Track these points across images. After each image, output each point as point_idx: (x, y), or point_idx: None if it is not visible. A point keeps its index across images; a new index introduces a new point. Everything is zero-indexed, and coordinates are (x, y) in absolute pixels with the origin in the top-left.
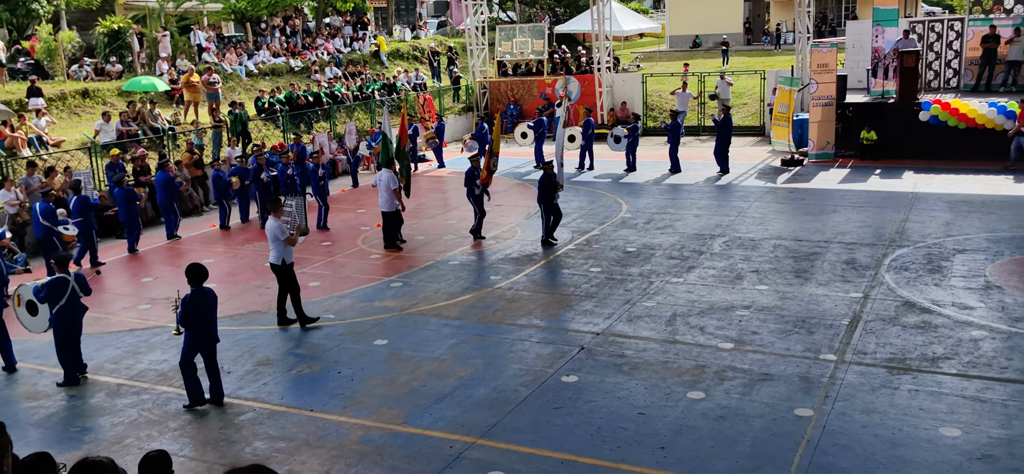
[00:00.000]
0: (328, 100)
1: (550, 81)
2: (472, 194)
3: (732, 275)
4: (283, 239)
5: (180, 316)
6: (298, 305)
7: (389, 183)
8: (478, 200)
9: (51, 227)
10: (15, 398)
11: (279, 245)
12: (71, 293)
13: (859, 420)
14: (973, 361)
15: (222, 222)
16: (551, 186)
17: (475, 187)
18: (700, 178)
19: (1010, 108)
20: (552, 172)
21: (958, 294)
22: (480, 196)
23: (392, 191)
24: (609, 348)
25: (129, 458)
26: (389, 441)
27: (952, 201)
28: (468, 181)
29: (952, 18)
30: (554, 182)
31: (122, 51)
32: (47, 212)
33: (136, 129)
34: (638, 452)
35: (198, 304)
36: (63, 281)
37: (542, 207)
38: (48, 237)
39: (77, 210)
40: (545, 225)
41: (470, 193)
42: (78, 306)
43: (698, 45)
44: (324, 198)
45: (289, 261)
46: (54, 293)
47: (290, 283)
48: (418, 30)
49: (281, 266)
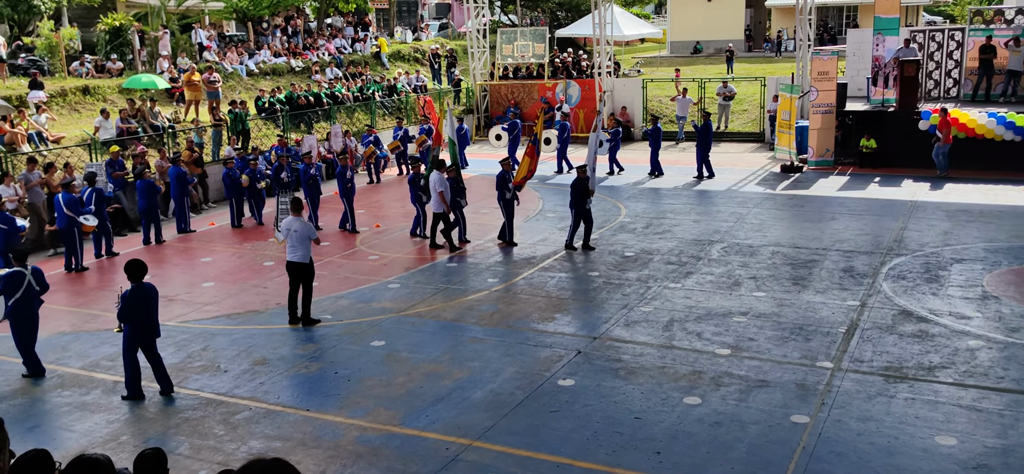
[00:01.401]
0: (328, 100)
1: (551, 85)
2: (503, 198)
3: (730, 281)
4: (313, 238)
5: (120, 311)
6: (308, 305)
7: (437, 185)
8: (508, 204)
9: (74, 217)
10: (11, 395)
11: (307, 244)
12: (27, 287)
13: (855, 428)
14: (969, 370)
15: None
16: (583, 191)
17: (507, 191)
18: (680, 182)
19: (1010, 119)
20: (585, 176)
21: (955, 303)
22: (511, 200)
23: (439, 193)
24: (606, 352)
25: (125, 455)
26: (385, 442)
27: (950, 210)
28: (500, 184)
29: (952, 28)
30: (586, 187)
31: (123, 48)
32: (71, 202)
33: (136, 127)
34: (634, 457)
35: (139, 299)
36: (19, 274)
37: (573, 212)
38: (70, 227)
39: (91, 202)
40: (573, 229)
41: (501, 197)
42: (34, 300)
43: (699, 51)
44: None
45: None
46: (9, 286)
47: (308, 283)
48: (419, 32)
49: (308, 265)
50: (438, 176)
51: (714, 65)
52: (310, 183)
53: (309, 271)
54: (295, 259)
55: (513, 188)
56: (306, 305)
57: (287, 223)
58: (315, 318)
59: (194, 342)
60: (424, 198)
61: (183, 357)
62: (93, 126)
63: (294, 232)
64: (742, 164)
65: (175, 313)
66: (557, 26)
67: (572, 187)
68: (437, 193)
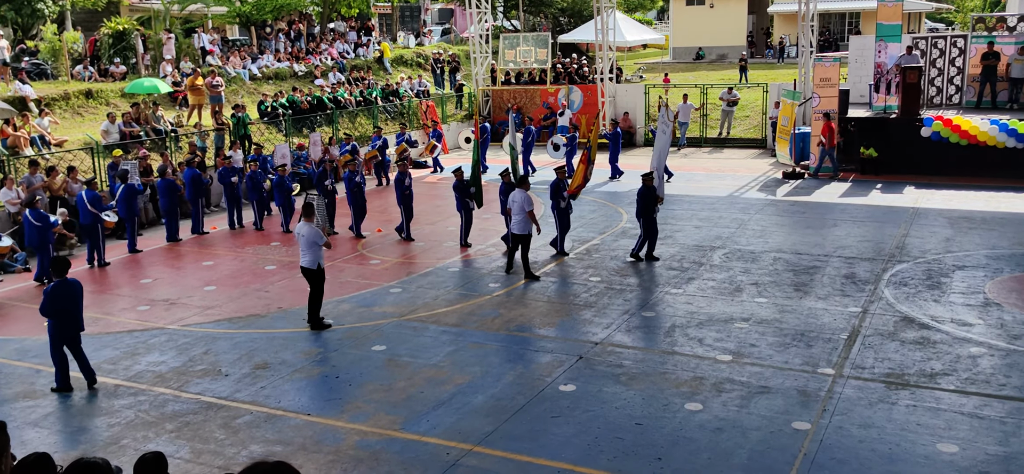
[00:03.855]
0: (331, 105)
1: (553, 90)
2: (557, 206)
3: (731, 287)
4: (321, 244)
5: (43, 306)
6: (315, 309)
7: (524, 204)
8: (563, 213)
9: (98, 213)
10: (11, 398)
11: (315, 250)
12: None
13: (856, 435)
14: (971, 378)
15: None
16: (652, 199)
17: (561, 199)
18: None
19: (1012, 126)
20: (652, 183)
21: (957, 310)
22: (566, 209)
23: (527, 213)
24: (607, 358)
25: (125, 459)
26: (386, 447)
27: (952, 217)
28: (554, 193)
29: (955, 35)
30: (654, 195)
31: (126, 53)
32: (94, 199)
33: (138, 130)
34: (635, 463)
35: (62, 295)
36: None
37: (641, 221)
38: (94, 223)
39: (123, 197)
40: (642, 239)
41: (555, 206)
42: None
43: (701, 57)
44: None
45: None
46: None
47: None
48: (422, 37)
49: (317, 270)
50: (523, 195)
51: (716, 72)
52: (355, 191)
53: (317, 276)
54: (303, 264)
55: (568, 196)
56: (313, 307)
57: (297, 229)
58: (327, 323)
59: (195, 346)
60: (471, 205)
61: (184, 361)
62: (99, 131)
63: (302, 237)
64: (744, 170)
65: (177, 316)
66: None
67: (639, 196)
68: (525, 213)
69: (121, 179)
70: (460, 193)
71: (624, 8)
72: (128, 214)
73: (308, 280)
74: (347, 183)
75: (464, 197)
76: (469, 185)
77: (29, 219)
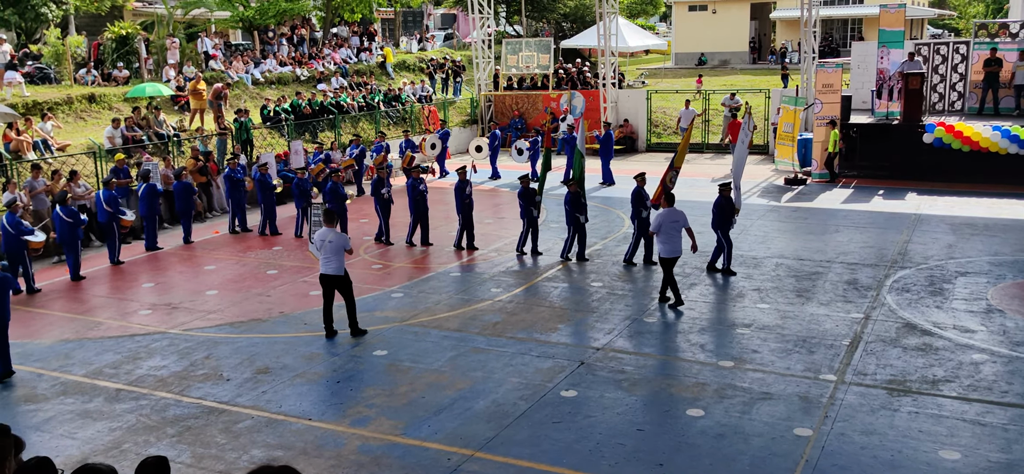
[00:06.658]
0: (333, 110)
1: (555, 96)
2: (638, 215)
3: (733, 293)
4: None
5: None
6: (353, 316)
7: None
8: (643, 223)
9: (115, 212)
10: (14, 401)
11: (341, 255)
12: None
13: (858, 441)
14: (974, 384)
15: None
16: (729, 209)
17: (644, 208)
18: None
19: (1015, 132)
20: (728, 194)
21: (959, 317)
22: (646, 219)
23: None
24: (609, 363)
25: (127, 464)
26: (387, 452)
27: (955, 223)
28: (635, 201)
29: (957, 41)
30: (731, 206)
31: (129, 57)
32: (111, 199)
33: (140, 134)
34: (636, 468)
35: None
36: None
37: (719, 233)
38: (110, 222)
39: (145, 197)
40: (718, 251)
41: (636, 214)
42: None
43: (704, 63)
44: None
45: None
46: None
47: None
48: (425, 42)
49: (343, 277)
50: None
51: (718, 77)
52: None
53: (345, 282)
54: (329, 271)
55: (651, 205)
56: (351, 315)
57: (321, 235)
58: (334, 329)
59: (197, 350)
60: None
61: (186, 365)
62: (103, 135)
63: (329, 243)
64: (746, 176)
65: (178, 320)
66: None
67: (715, 207)
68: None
69: (143, 178)
70: (525, 200)
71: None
72: (148, 214)
73: (337, 288)
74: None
75: (529, 205)
76: (535, 193)
77: (60, 215)
